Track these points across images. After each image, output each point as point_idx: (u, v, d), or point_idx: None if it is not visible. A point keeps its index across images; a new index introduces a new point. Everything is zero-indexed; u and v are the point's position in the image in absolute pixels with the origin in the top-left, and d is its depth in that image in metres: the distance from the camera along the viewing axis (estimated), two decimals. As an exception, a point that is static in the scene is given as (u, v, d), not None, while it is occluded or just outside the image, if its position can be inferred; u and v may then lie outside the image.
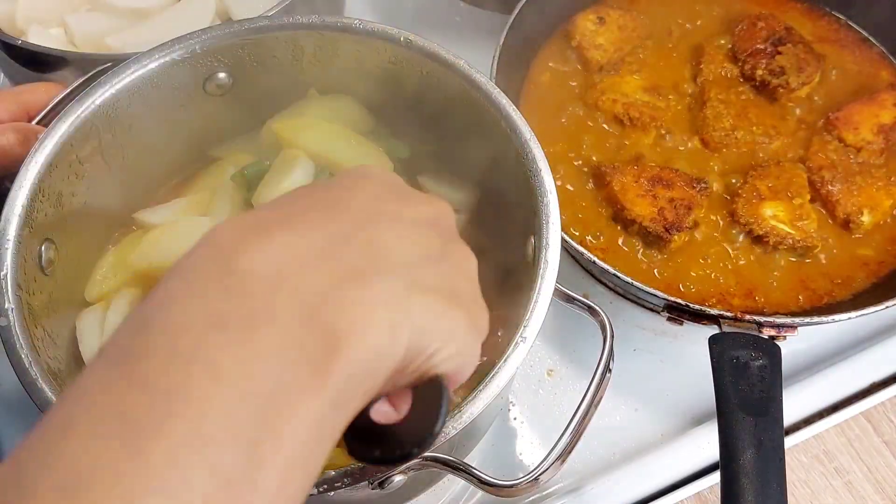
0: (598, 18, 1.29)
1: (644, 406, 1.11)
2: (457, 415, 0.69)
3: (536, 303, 0.75)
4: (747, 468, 0.84)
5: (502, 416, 1.10)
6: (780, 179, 1.14)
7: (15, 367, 0.71)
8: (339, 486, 0.66)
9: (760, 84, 1.24)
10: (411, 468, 0.69)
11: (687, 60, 1.30)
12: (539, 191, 0.82)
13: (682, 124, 1.23)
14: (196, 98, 0.96)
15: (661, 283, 1.09)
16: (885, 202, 1.14)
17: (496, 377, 0.72)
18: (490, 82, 0.90)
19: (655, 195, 1.11)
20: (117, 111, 0.89)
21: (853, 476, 1.06)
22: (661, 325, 1.13)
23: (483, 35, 1.30)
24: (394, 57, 0.94)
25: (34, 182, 0.81)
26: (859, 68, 1.31)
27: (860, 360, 1.13)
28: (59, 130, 0.84)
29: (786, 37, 1.27)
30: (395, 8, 1.55)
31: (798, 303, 1.09)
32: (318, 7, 1.24)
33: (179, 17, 1.17)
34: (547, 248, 0.79)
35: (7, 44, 1.07)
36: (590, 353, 1.01)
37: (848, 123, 1.20)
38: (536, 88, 1.27)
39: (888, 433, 1.09)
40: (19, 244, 0.78)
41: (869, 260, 1.13)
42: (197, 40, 0.91)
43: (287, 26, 0.93)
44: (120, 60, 0.91)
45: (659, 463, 1.04)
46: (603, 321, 0.78)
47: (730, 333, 0.97)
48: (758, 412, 0.88)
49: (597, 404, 0.74)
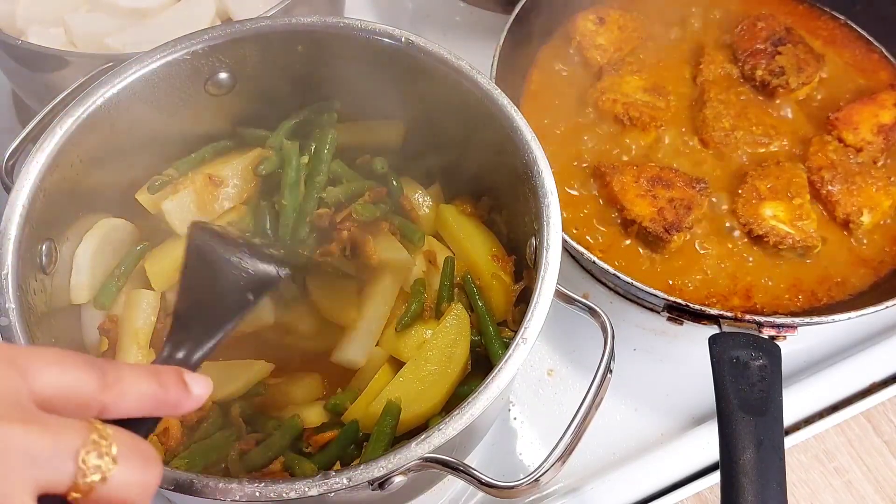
0: (598, 18, 1.30)
1: (644, 406, 1.11)
2: (457, 415, 0.69)
3: (537, 304, 0.75)
4: (747, 468, 0.84)
5: (503, 417, 1.10)
6: (780, 179, 1.14)
7: (15, 368, 0.71)
8: (339, 486, 0.66)
9: (760, 84, 1.25)
10: (411, 469, 0.69)
11: (687, 60, 1.30)
12: (540, 192, 0.82)
13: (682, 124, 1.23)
14: (197, 98, 0.96)
15: (661, 283, 1.09)
16: (885, 202, 1.14)
17: (497, 378, 0.72)
18: (490, 82, 0.90)
19: (655, 195, 1.11)
20: (118, 111, 0.89)
21: (853, 476, 1.06)
22: (661, 325, 1.13)
23: (483, 35, 1.30)
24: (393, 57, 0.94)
25: (35, 182, 0.81)
26: (859, 68, 1.31)
27: (860, 360, 1.13)
28: (60, 130, 0.84)
29: (786, 37, 1.27)
30: (395, 8, 1.55)
31: (798, 303, 1.09)
32: (318, 7, 1.24)
33: (179, 17, 1.17)
34: (548, 249, 0.79)
35: (7, 44, 1.07)
36: (590, 354, 1.01)
37: (848, 123, 1.20)
38: (536, 88, 1.27)
39: (888, 433, 1.09)
40: (20, 244, 0.78)
41: (869, 260, 1.13)
42: (197, 40, 0.91)
43: (287, 26, 0.93)
44: (120, 60, 0.91)
45: (659, 463, 1.04)
46: (603, 322, 0.78)
47: (730, 333, 0.97)
48: (758, 412, 0.89)
49: (597, 405, 0.74)
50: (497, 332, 0.90)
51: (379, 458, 0.68)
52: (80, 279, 0.90)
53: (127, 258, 0.95)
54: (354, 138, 1.04)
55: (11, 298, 0.74)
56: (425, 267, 0.97)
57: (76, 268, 0.90)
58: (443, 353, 0.88)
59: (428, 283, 0.95)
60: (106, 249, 0.94)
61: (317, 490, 0.65)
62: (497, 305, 0.93)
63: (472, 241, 0.97)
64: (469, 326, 0.90)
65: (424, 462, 0.68)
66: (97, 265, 0.92)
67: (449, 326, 0.89)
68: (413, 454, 0.68)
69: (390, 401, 0.83)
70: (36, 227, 0.81)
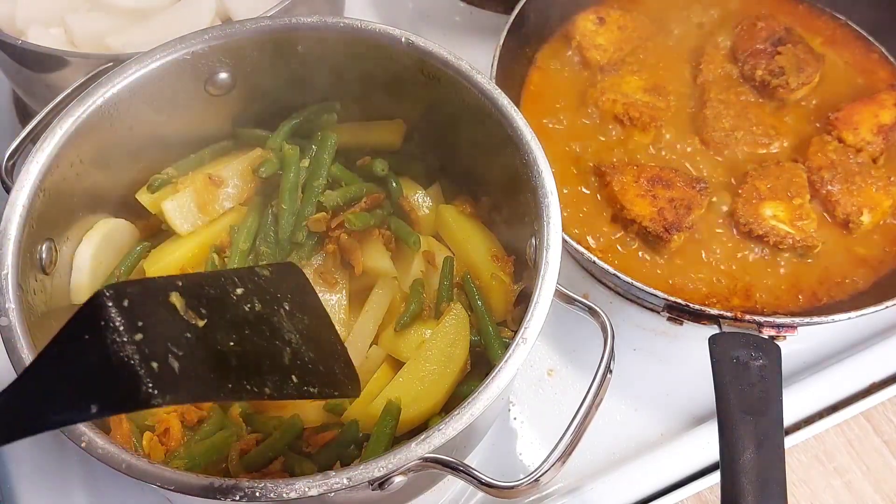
0: (598, 18, 1.29)
1: (644, 406, 1.11)
2: (457, 415, 0.69)
3: (537, 304, 0.75)
4: (747, 468, 0.84)
5: (503, 417, 1.10)
6: (780, 179, 1.14)
7: (15, 367, 0.71)
8: (339, 486, 0.66)
9: (760, 84, 1.24)
10: (411, 469, 0.69)
11: (687, 60, 1.30)
12: (540, 192, 0.82)
13: (682, 124, 1.23)
14: (197, 98, 0.96)
15: (661, 283, 1.09)
16: (885, 202, 1.14)
17: (497, 378, 0.72)
18: (490, 82, 0.90)
19: (655, 195, 1.11)
20: (118, 111, 0.89)
21: (853, 476, 1.06)
22: (661, 325, 1.13)
23: (483, 35, 1.30)
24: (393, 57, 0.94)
25: (35, 182, 0.81)
26: (859, 68, 1.31)
27: (860, 360, 1.13)
28: (60, 130, 0.84)
29: (786, 37, 1.27)
30: (395, 8, 1.55)
31: (798, 303, 1.09)
32: (319, 7, 1.24)
33: (179, 17, 1.17)
34: (548, 249, 0.79)
35: (7, 44, 1.07)
36: (590, 354, 1.01)
37: (848, 123, 1.20)
38: (536, 88, 1.27)
39: (888, 433, 1.09)
40: (20, 244, 0.78)
41: (869, 260, 1.13)
42: (197, 40, 0.91)
43: (287, 26, 0.93)
44: (120, 60, 0.91)
45: (659, 463, 1.04)
46: (604, 322, 0.78)
47: (730, 333, 0.97)
48: (758, 412, 0.89)
49: (598, 405, 0.74)
50: (497, 332, 0.90)
51: (379, 458, 0.68)
52: (80, 279, 0.90)
53: (127, 258, 0.95)
54: (354, 139, 1.04)
55: (11, 298, 0.75)
56: (424, 267, 0.97)
57: (76, 268, 0.90)
58: (442, 353, 0.88)
59: (427, 283, 0.95)
60: (106, 249, 0.94)
61: (317, 490, 0.65)
62: (496, 305, 0.93)
63: (472, 242, 0.97)
64: (468, 326, 0.90)
65: (424, 462, 0.68)
66: (97, 265, 0.92)
67: (448, 326, 0.89)
68: (413, 454, 0.68)
69: (390, 401, 0.83)
70: (36, 227, 0.81)
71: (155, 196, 0.96)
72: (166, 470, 0.67)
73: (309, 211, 0.97)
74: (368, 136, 1.05)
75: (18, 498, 1.02)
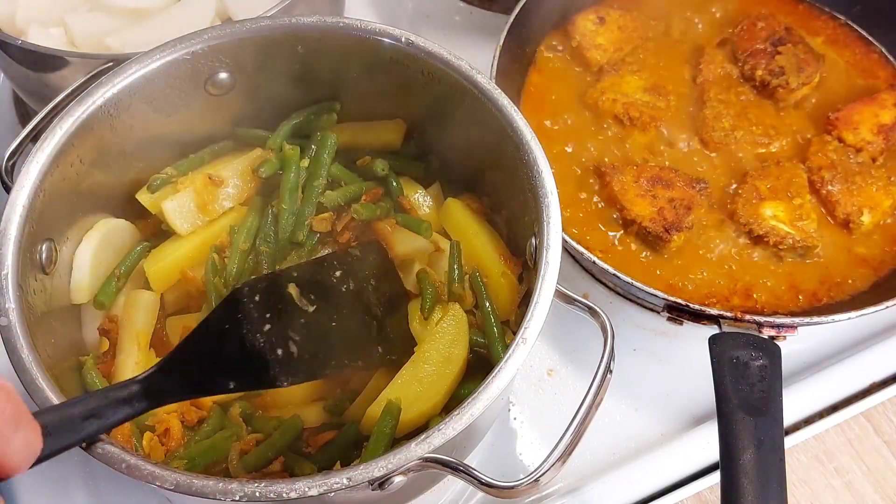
0: (598, 18, 1.29)
1: (644, 406, 1.11)
2: (457, 416, 0.69)
3: (537, 304, 0.75)
4: (747, 468, 0.84)
5: (503, 417, 1.10)
6: (780, 179, 1.14)
7: (15, 367, 0.71)
8: (339, 486, 0.66)
9: (760, 84, 1.24)
10: (411, 469, 0.69)
11: (687, 60, 1.30)
12: (540, 192, 0.82)
13: (682, 124, 1.23)
14: (197, 98, 0.96)
15: (661, 283, 1.09)
16: (885, 202, 1.14)
17: (497, 378, 0.72)
18: (490, 82, 0.90)
19: (655, 195, 1.11)
20: (118, 111, 0.89)
21: (853, 476, 1.06)
22: (661, 325, 1.13)
23: (483, 35, 1.30)
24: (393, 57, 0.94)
25: (35, 182, 0.81)
26: (859, 68, 1.31)
27: (860, 360, 1.13)
28: (60, 130, 0.84)
29: (786, 37, 1.27)
30: (395, 8, 1.55)
31: (798, 303, 1.09)
32: (318, 7, 1.24)
33: (179, 17, 1.17)
34: (548, 249, 0.79)
35: (7, 44, 1.07)
36: (590, 353, 1.01)
37: (848, 123, 1.20)
38: (536, 88, 1.27)
39: (888, 433, 1.09)
40: (20, 244, 0.78)
41: (869, 260, 1.13)
42: (197, 40, 0.91)
43: (287, 26, 0.93)
44: (120, 60, 0.91)
45: (659, 463, 1.04)
46: (603, 322, 0.78)
47: (730, 333, 0.97)
48: (758, 412, 0.89)
49: (598, 405, 0.74)
50: (501, 333, 0.89)
51: (379, 458, 0.68)
52: (80, 279, 0.90)
53: (127, 258, 0.95)
54: (354, 139, 1.04)
55: (11, 298, 0.74)
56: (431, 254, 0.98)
57: (76, 268, 0.90)
58: (441, 353, 0.88)
59: (436, 267, 0.96)
60: (106, 249, 0.94)
61: (317, 490, 0.65)
62: (503, 304, 0.93)
63: (480, 238, 0.97)
64: (467, 327, 0.90)
65: (424, 462, 0.68)
66: (97, 265, 0.92)
67: (447, 327, 0.89)
68: (413, 454, 0.68)
69: (390, 401, 0.83)
70: (36, 227, 0.81)
71: (155, 196, 0.96)
72: (166, 470, 0.67)
73: (309, 211, 0.97)
74: (368, 136, 1.05)
75: (18, 498, 1.02)
